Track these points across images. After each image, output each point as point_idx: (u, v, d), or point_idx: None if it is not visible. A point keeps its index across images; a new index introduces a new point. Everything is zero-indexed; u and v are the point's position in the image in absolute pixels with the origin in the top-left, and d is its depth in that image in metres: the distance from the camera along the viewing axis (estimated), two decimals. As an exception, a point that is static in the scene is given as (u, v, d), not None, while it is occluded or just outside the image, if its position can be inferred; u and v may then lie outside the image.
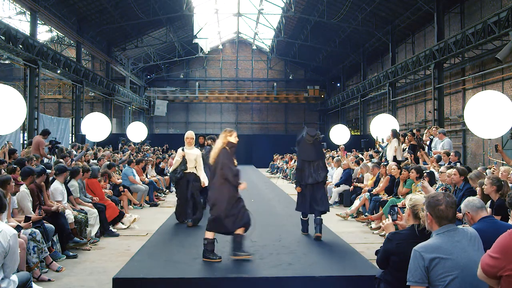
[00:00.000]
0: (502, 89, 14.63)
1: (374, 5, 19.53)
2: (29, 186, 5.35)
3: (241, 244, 4.70)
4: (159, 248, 5.26)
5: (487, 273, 2.28)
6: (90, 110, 26.81)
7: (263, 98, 35.27)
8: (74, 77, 19.23)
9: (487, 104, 7.83)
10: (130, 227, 7.26)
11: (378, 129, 12.45)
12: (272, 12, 26.01)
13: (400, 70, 19.01)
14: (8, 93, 8.22)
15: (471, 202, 3.32)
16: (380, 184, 8.04)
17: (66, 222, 5.54)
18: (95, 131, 13.90)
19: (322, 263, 4.67)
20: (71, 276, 4.66)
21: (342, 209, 9.05)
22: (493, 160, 8.73)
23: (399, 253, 2.89)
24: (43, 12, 17.28)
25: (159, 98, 33.82)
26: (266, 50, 35.31)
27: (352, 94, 26.79)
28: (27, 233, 4.51)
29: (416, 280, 2.48)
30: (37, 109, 15.33)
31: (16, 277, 3.35)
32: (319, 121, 36.16)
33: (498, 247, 2.29)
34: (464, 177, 5.38)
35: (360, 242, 6.29)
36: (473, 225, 3.24)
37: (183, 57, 32.20)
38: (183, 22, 26.80)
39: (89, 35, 22.95)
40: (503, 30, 11.64)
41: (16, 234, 3.26)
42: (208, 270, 4.41)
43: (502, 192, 4.26)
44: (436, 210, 2.57)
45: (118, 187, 8.60)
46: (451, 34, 15.93)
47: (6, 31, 13.26)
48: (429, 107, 19.59)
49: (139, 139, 17.91)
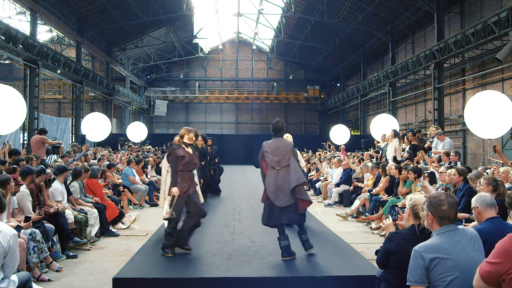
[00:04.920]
0: (502, 89, 14.63)
1: (374, 5, 19.53)
2: (28, 186, 5.35)
3: None
4: (159, 248, 5.25)
5: (487, 280, 2.25)
6: (90, 110, 26.80)
7: (263, 98, 35.26)
8: (74, 77, 19.22)
9: (487, 104, 7.83)
10: (130, 227, 7.27)
11: (378, 129, 12.45)
12: (272, 12, 26.00)
13: (400, 70, 19.01)
14: (8, 93, 8.22)
15: (482, 197, 3.27)
16: (380, 184, 8.04)
17: (66, 222, 5.54)
18: (95, 131, 13.90)
19: (322, 263, 4.66)
20: (71, 276, 4.66)
21: (342, 209, 9.05)
22: (493, 160, 8.71)
23: (399, 253, 2.89)
24: (43, 12, 17.27)
25: (159, 98, 33.81)
26: (266, 50, 35.30)
27: (352, 94, 26.78)
28: (27, 233, 4.51)
29: (416, 280, 2.48)
30: (37, 109, 15.32)
31: (16, 277, 3.35)
32: (319, 121, 36.15)
33: (499, 252, 2.27)
34: (464, 177, 5.37)
35: (360, 242, 6.29)
36: (479, 225, 3.21)
37: (183, 57, 32.19)
38: (183, 22, 26.79)
39: (89, 35, 22.95)
40: (503, 30, 11.63)
41: (16, 234, 3.26)
42: (208, 270, 4.41)
43: (498, 192, 4.25)
44: (438, 210, 2.56)
45: (118, 187, 8.61)
46: (451, 34, 15.92)
47: (6, 31, 13.25)
48: (429, 107, 19.58)
49: (139, 139, 17.92)
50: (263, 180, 4.86)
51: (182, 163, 4.85)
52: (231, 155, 21.73)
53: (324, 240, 5.82)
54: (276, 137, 4.92)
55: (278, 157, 4.74)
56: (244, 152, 23.27)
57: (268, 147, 4.84)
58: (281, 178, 4.67)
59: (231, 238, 5.67)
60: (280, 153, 4.76)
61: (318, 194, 11.58)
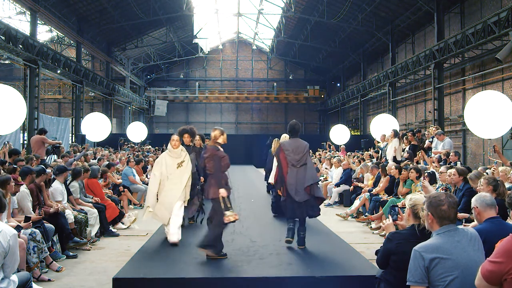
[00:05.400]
0: (502, 89, 14.63)
1: (374, 5, 19.53)
2: (28, 186, 5.35)
3: None
4: (159, 248, 5.26)
5: (489, 279, 2.25)
6: (90, 110, 26.79)
7: (263, 98, 35.26)
8: (74, 77, 19.22)
9: (487, 104, 7.83)
10: (130, 227, 7.26)
11: (378, 129, 12.45)
12: (272, 12, 26.00)
13: (400, 70, 19.01)
14: (8, 93, 8.22)
15: (482, 197, 3.28)
16: (380, 184, 8.04)
17: (66, 222, 5.54)
18: (95, 131, 13.90)
19: (322, 263, 4.67)
20: (71, 276, 4.66)
21: (342, 209, 9.05)
22: (493, 160, 8.71)
23: (399, 253, 2.89)
24: (43, 12, 17.27)
25: (159, 98, 33.81)
26: (266, 50, 35.30)
27: (352, 94, 26.78)
28: (27, 233, 4.51)
29: (416, 280, 2.48)
30: (37, 109, 15.32)
31: (16, 277, 3.35)
32: (319, 121, 36.16)
33: (501, 251, 2.27)
34: (464, 177, 5.37)
35: (360, 242, 6.29)
36: (479, 225, 3.21)
37: (183, 57, 32.19)
38: (183, 22, 26.79)
39: (89, 35, 22.95)
40: (503, 30, 11.63)
41: (16, 234, 3.26)
42: (208, 270, 4.41)
43: (498, 191, 4.25)
44: (438, 210, 2.56)
45: (118, 187, 8.60)
46: (451, 34, 15.92)
47: (6, 31, 13.25)
48: (429, 107, 19.58)
49: (139, 139, 17.91)
50: (281, 178, 5.22)
51: (224, 165, 4.97)
52: (231, 155, 21.18)
53: (324, 240, 5.82)
54: (294, 137, 5.32)
55: (298, 156, 5.15)
56: (244, 152, 23.24)
57: (288, 147, 5.23)
58: (300, 175, 5.10)
59: (231, 238, 5.67)
60: (300, 152, 5.17)
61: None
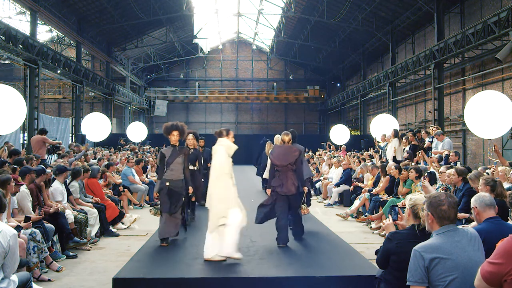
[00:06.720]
0: (502, 89, 14.63)
1: (374, 5, 19.52)
2: (28, 186, 5.35)
3: None
4: (159, 248, 5.25)
5: (489, 281, 2.24)
6: (90, 110, 26.78)
7: (263, 98, 35.25)
8: (74, 77, 19.22)
9: (487, 104, 7.84)
10: (130, 227, 7.26)
11: (378, 129, 12.45)
12: (272, 12, 26.00)
13: (400, 70, 19.01)
14: (8, 93, 8.23)
15: (481, 197, 3.28)
16: (380, 184, 8.04)
17: (66, 222, 5.54)
18: (95, 131, 13.91)
19: (322, 263, 4.67)
20: (71, 276, 4.66)
21: (342, 209, 9.05)
22: (493, 160, 8.72)
23: (399, 252, 2.89)
24: (43, 12, 17.27)
25: (159, 98, 33.80)
26: (266, 50, 35.29)
27: (352, 94, 26.78)
28: (27, 233, 4.51)
29: (416, 280, 2.48)
30: (37, 109, 15.32)
31: (16, 277, 3.35)
32: (319, 121, 36.15)
33: (500, 252, 2.25)
34: (463, 177, 5.37)
35: (360, 242, 6.29)
36: (478, 225, 3.21)
37: (183, 57, 32.19)
38: (183, 22, 26.80)
39: (89, 35, 22.94)
40: (503, 30, 11.63)
41: (16, 234, 3.26)
42: (208, 270, 4.41)
43: (496, 192, 4.25)
44: (438, 210, 2.56)
45: (118, 187, 8.60)
46: (451, 34, 15.92)
47: (6, 31, 13.25)
48: (429, 107, 19.58)
49: (139, 139, 17.91)
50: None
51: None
52: (231, 155, 21.64)
53: (324, 240, 5.82)
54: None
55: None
56: (244, 152, 23.14)
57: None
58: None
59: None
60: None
61: (318, 194, 11.59)
